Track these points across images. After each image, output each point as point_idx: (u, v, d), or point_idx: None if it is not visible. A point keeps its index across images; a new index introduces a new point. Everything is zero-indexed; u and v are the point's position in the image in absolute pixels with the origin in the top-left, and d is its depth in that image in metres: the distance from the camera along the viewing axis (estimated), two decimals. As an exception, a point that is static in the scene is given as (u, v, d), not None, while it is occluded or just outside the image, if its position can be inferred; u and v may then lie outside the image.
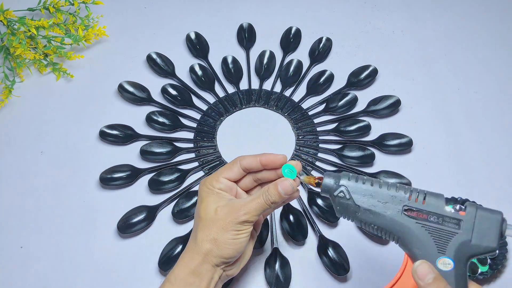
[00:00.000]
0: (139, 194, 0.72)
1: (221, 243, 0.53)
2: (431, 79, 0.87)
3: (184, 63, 0.86)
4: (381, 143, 0.77)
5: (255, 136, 0.79)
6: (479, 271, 0.65)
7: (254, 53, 0.88)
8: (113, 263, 0.66)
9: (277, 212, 0.70)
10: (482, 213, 0.47)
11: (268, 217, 0.69)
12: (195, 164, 0.75)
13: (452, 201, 0.69)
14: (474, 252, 0.47)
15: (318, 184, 0.52)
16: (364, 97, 0.82)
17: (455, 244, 0.47)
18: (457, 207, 0.48)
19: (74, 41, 0.84)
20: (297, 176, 0.55)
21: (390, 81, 0.86)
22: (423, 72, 0.88)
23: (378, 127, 0.79)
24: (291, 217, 0.69)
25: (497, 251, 0.66)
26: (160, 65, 0.85)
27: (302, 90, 0.84)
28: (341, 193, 0.50)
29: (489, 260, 0.66)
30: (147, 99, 0.81)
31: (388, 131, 0.78)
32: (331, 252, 0.66)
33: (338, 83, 0.85)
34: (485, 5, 0.99)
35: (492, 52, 0.91)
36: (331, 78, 0.85)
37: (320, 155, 0.77)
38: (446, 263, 0.47)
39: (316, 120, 0.81)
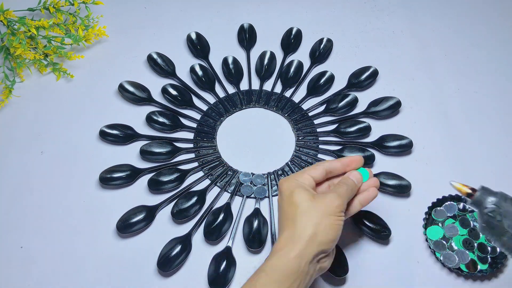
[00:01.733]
0: (138, 194, 0.72)
1: (323, 226, 0.53)
2: (431, 79, 0.87)
3: (184, 63, 0.86)
4: (381, 144, 0.77)
5: (255, 136, 0.79)
6: (479, 268, 0.65)
7: (255, 53, 0.88)
8: (112, 263, 0.66)
9: (277, 212, 0.70)
10: None
11: (268, 218, 0.70)
12: (195, 164, 0.75)
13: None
14: None
15: (469, 195, 0.51)
16: (364, 97, 0.82)
17: None
18: None
19: (74, 41, 0.84)
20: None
21: (390, 81, 0.86)
22: (423, 72, 0.88)
23: (378, 128, 0.79)
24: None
25: (498, 249, 0.66)
26: (161, 65, 0.85)
27: (302, 91, 0.84)
28: (493, 213, 0.49)
29: (489, 258, 0.66)
30: (147, 99, 0.81)
31: (388, 131, 0.78)
32: None
33: (339, 84, 0.85)
34: (485, 5, 0.99)
35: (492, 52, 0.91)
36: (331, 79, 0.85)
37: (320, 156, 0.77)
38: None
39: (316, 121, 0.81)
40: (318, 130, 0.80)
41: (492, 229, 0.49)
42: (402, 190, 0.72)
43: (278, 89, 0.84)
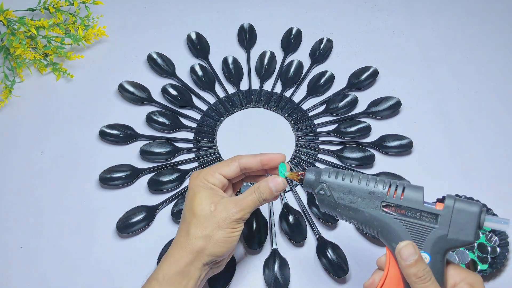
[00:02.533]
0: (138, 194, 0.72)
1: (215, 240, 0.52)
2: (431, 79, 0.87)
3: (184, 63, 0.86)
4: (381, 144, 0.77)
5: (255, 136, 0.79)
6: (479, 268, 0.65)
7: (255, 53, 0.88)
8: (112, 263, 0.66)
9: (276, 213, 0.70)
10: (460, 206, 0.47)
11: (268, 218, 0.70)
12: (195, 164, 0.75)
13: None
14: (451, 246, 0.47)
15: (301, 180, 0.53)
16: (364, 96, 0.82)
17: (432, 238, 0.47)
18: (435, 200, 0.48)
19: (74, 41, 0.84)
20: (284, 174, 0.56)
21: (390, 81, 0.86)
22: (423, 72, 0.88)
23: (378, 128, 0.79)
24: (291, 218, 0.69)
25: (498, 250, 0.66)
26: (161, 65, 0.85)
27: (302, 91, 0.84)
28: (322, 190, 0.51)
29: (489, 259, 0.66)
30: (147, 99, 0.81)
31: (388, 131, 0.78)
32: (330, 253, 0.66)
33: (339, 84, 0.85)
34: (485, 5, 0.99)
35: (492, 52, 0.91)
36: (331, 79, 0.85)
37: (320, 156, 0.77)
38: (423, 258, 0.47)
39: (316, 121, 0.81)
40: (318, 130, 0.80)
41: (327, 205, 0.51)
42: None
43: (278, 89, 0.84)
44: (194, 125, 0.80)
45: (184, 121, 0.80)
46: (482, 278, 0.48)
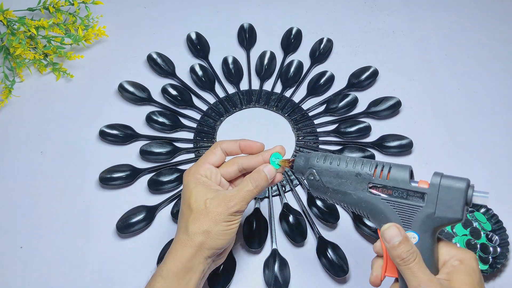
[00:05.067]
0: (138, 194, 0.72)
1: (213, 234, 0.53)
2: (431, 79, 0.87)
3: (184, 63, 0.86)
4: (381, 144, 0.77)
5: (255, 136, 0.78)
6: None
7: (255, 53, 0.88)
8: (112, 263, 0.66)
9: (276, 213, 0.70)
10: (447, 183, 0.46)
11: (268, 218, 0.69)
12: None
13: None
14: (439, 224, 0.47)
15: (292, 167, 0.54)
16: (364, 97, 0.82)
17: (420, 218, 0.47)
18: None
19: (74, 41, 0.84)
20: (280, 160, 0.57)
21: (390, 81, 0.86)
22: (423, 72, 0.88)
23: (378, 127, 0.79)
24: (290, 218, 0.69)
25: (498, 250, 0.66)
26: (161, 65, 0.85)
27: (302, 91, 0.84)
28: (311, 176, 0.51)
29: (491, 259, 0.66)
30: (147, 99, 0.81)
31: (388, 131, 0.78)
32: (330, 253, 0.66)
33: (339, 84, 0.85)
34: (485, 5, 0.99)
35: (492, 52, 0.91)
36: (331, 79, 0.85)
37: (320, 155, 0.77)
38: (411, 237, 0.47)
39: (316, 121, 0.81)
40: (318, 130, 0.80)
41: (317, 189, 0.51)
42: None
43: (278, 89, 0.84)
44: (194, 125, 0.80)
45: (184, 121, 0.80)
46: (475, 255, 0.48)
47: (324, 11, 0.97)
